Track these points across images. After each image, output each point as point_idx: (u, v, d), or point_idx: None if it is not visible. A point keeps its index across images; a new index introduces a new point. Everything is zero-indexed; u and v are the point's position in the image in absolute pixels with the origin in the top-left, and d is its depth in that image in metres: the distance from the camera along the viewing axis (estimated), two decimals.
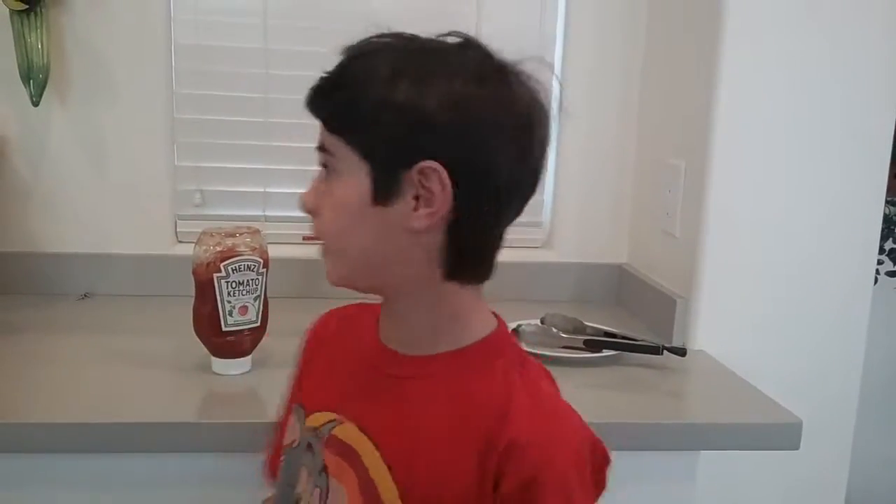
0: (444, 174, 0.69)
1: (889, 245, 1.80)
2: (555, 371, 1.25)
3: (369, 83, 0.72)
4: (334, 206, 0.75)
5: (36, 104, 1.46)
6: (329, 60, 0.77)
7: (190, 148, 1.64)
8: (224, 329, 1.16)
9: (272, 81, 1.63)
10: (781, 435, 1.11)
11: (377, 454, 0.74)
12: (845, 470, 1.48)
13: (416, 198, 0.70)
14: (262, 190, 1.66)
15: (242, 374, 1.19)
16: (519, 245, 1.75)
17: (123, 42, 1.55)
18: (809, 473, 1.41)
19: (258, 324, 1.20)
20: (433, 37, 0.78)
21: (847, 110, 1.36)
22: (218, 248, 1.15)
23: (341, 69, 0.77)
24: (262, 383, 1.17)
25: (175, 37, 1.59)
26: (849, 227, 1.40)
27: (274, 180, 1.66)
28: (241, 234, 1.17)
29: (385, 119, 0.70)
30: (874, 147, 1.39)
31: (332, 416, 0.80)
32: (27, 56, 1.44)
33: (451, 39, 0.78)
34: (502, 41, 1.80)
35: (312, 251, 1.69)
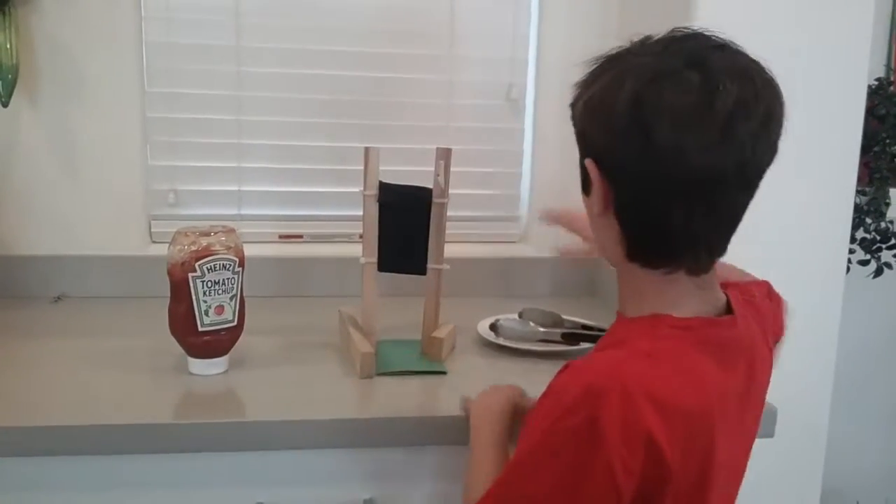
0: (595, 169, 0.78)
1: (860, 234, 1.83)
2: (533, 364, 1.26)
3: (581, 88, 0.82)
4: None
5: (5, 105, 1.44)
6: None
7: (162, 147, 1.63)
8: (200, 329, 1.15)
9: (245, 79, 1.62)
10: None
11: None
12: (821, 457, 1.50)
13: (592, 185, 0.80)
14: (236, 188, 1.65)
15: (220, 374, 1.18)
16: (496, 240, 1.76)
17: (94, 41, 1.53)
18: (785, 461, 1.43)
19: (235, 323, 1.19)
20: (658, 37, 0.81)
21: (817, 99, 1.37)
22: (193, 248, 1.14)
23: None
24: (240, 383, 1.17)
25: (146, 35, 1.57)
26: (821, 216, 1.42)
27: (248, 178, 1.66)
28: (216, 234, 1.16)
29: (578, 117, 0.81)
30: (845, 135, 1.40)
31: None
32: None
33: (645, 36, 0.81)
34: (475, 40, 1.80)
35: (289, 250, 1.70)
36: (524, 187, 1.76)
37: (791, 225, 1.39)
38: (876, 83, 1.79)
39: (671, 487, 0.72)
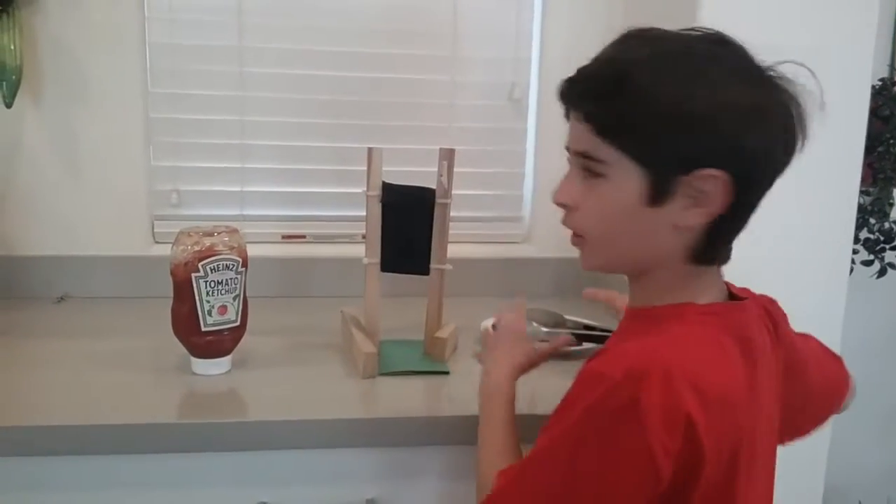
0: (725, 180, 0.74)
1: (864, 234, 1.82)
2: None
3: (654, 94, 0.74)
4: (603, 207, 0.80)
5: (9, 106, 1.44)
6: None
7: (165, 147, 1.63)
8: (203, 329, 1.15)
9: (248, 79, 1.62)
10: None
11: None
12: (823, 455, 1.49)
13: (688, 197, 0.76)
14: (238, 189, 1.65)
15: (222, 374, 1.19)
16: (499, 240, 1.76)
17: (97, 42, 1.53)
18: (787, 461, 1.42)
19: (238, 323, 1.19)
20: (683, 31, 0.80)
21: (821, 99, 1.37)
22: (196, 248, 1.14)
23: (615, 71, 0.77)
24: (243, 383, 1.17)
25: (149, 35, 1.58)
26: (824, 217, 1.41)
27: (251, 179, 1.66)
28: (219, 234, 1.16)
29: (673, 132, 0.74)
30: (848, 136, 1.40)
31: None
32: None
33: (695, 33, 0.79)
34: (478, 39, 1.80)
35: (291, 250, 1.70)
36: (527, 187, 1.76)
37: (795, 225, 1.39)
38: (879, 83, 1.78)
39: (704, 473, 0.72)
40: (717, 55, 0.77)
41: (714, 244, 0.80)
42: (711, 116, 0.73)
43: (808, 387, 0.95)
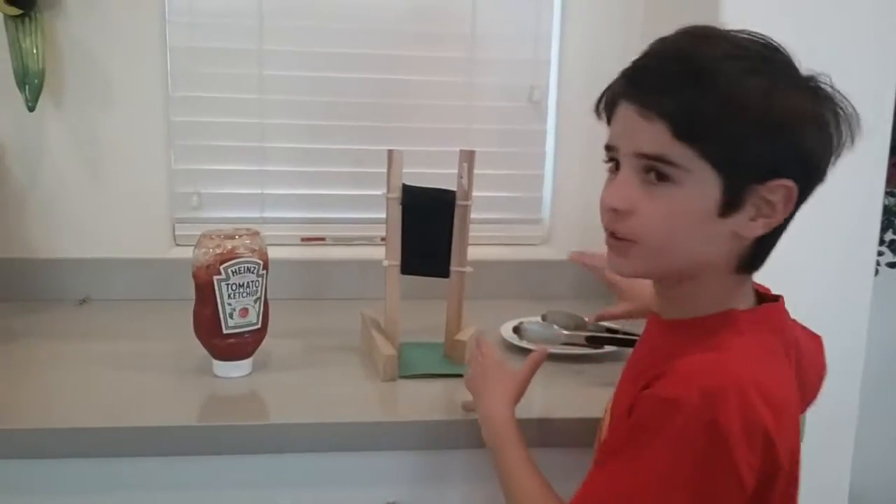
0: (793, 190, 0.74)
1: (889, 236, 1.80)
2: (557, 368, 1.25)
3: (741, 97, 0.71)
4: (670, 214, 0.75)
5: (32, 109, 1.45)
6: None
7: (186, 151, 1.64)
8: (225, 331, 1.16)
9: (267, 82, 1.62)
10: None
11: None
12: (848, 462, 1.47)
13: (756, 207, 0.74)
14: (259, 192, 1.66)
15: (243, 376, 1.19)
16: (519, 242, 1.75)
17: (118, 45, 1.54)
18: (812, 466, 1.40)
19: (259, 326, 1.19)
20: (737, 32, 0.77)
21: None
22: (217, 251, 1.14)
23: (695, 68, 0.73)
24: (263, 385, 1.17)
25: (170, 39, 1.58)
26: (849, 218, 1.40)
27: (270, 181, 1.66)
28: (240, 236, 1.17)
29: (758, 139, 0.72)
30: (873, 136, 1.38)
31: None
32: (22, 61, 1.43)
33: (754, 37, 0.77)
34: (497, 41, 1.80)
35: (311, 253, 1.70)
36: (546, 189, 1.75)
37: (819, 226, 1.37)
38: None
39: (778, 482, 0.72)
40: (783, 61, 0.76)
41: (763, 253, 0.79)
42: (790, 125, 0.72)
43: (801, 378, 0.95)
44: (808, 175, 0.75)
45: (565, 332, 1.34)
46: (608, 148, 0.81)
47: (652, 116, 0.74)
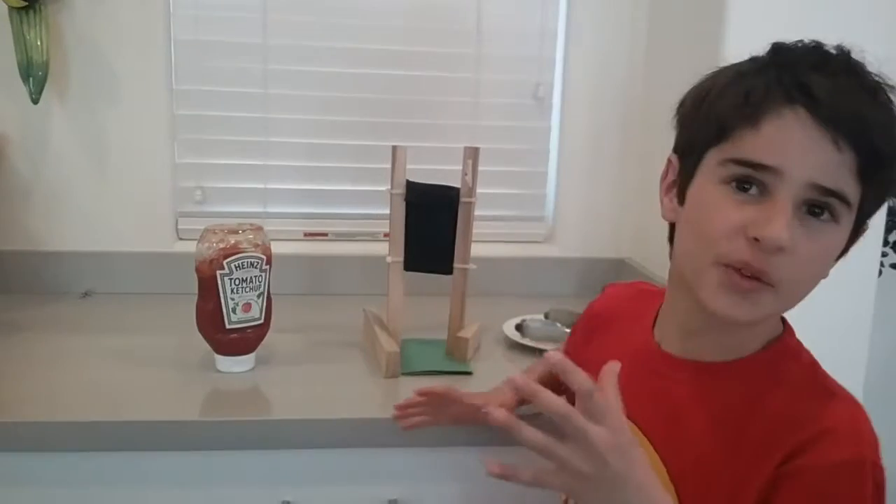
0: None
1: (893, 237, 1.80)
2: None
3: None
4: (823, 255, 0.68)
5: (36, 102, 1.45)
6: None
7: (190, 144, 1.63)
8: (228, 326, 1.16)
9: (271, 77, 1.62)
10: None
11: (646, 439, 0.76)
12: None
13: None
14: (262, 186, 1.66)
15: (246, 371, 1.19)
16: (522, 240, 1.75)
17: (123, 38, 1.54)
18: None
19: (262, 321, 1.19)
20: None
21: None
22: (221, 245, 1.14)
23: (883, 99, 0.68)
24: (266, 381, 1.17)
25: (174, 33, 1.58)
26: None
27: (274, 176, 1.66)
28: (243, 231, 1.17)
29: None
30: None
31: None
32: (26, 53, 1.43)
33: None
34: (502, 38, 1.79)
35: (314, 248, 1.70)
36: (550, 187, 1.75)
37: None
38: None
39: None
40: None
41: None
42: None
43: None
44: None
45: (568, 329, 1.34)
46: (753, 166, 0.67)
47: (844, 147, 0.64)
